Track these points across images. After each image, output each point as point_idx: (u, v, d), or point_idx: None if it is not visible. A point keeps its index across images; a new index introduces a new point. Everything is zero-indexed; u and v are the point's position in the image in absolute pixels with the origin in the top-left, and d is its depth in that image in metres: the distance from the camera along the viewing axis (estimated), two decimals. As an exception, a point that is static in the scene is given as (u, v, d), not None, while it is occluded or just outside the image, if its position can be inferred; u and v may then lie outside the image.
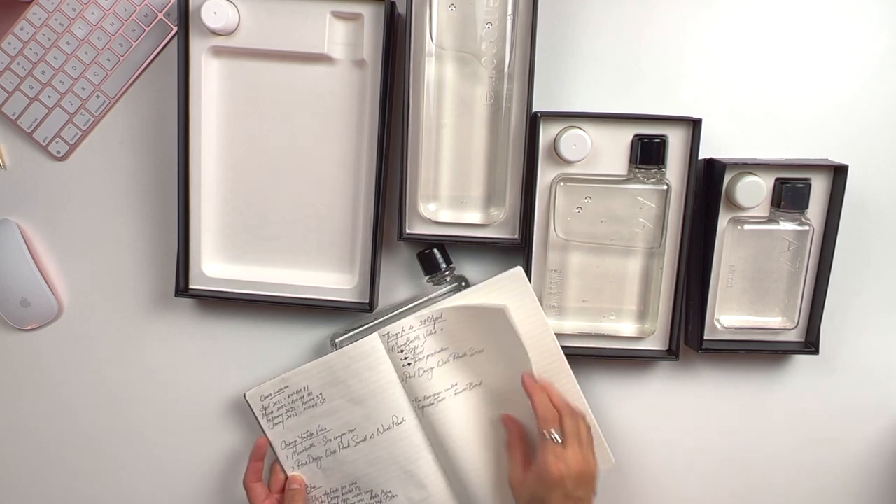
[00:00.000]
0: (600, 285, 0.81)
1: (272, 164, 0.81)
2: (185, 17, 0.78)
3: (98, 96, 0.83)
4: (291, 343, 0.86)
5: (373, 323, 0.83)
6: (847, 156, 0.79)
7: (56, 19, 0.81)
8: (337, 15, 0.77)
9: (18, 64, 0.82)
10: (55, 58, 0.82)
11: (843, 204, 0.77)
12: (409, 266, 0.84)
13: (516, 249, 0.82)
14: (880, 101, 0.81)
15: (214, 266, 0.84)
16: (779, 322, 0.81)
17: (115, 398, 0.89)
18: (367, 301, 0.82)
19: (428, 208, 0.81)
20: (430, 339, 0.80)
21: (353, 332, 0.83)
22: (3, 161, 0.85)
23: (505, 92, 0.78)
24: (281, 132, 0.81)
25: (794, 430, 0.86)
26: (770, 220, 0.79)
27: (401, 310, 0.83)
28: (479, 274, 0.84)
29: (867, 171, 0.81)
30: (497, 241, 0.81)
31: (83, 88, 0.83)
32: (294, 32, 0.78)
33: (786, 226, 0.79)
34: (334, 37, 0.78)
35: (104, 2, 0.81)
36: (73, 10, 0.81)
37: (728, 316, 0.82)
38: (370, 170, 0.80)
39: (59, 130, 0.84)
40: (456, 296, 0.80)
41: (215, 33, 0.78)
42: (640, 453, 0.87)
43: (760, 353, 0.83)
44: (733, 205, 0.78)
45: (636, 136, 0.78)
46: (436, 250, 0.82)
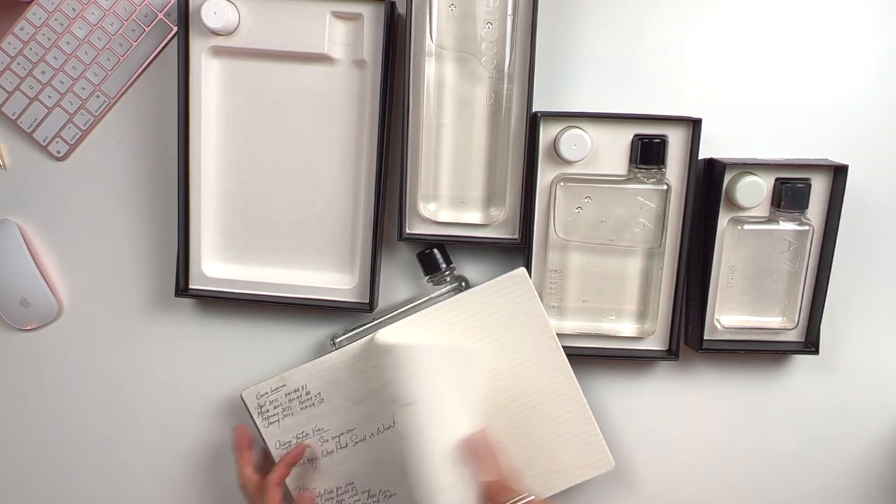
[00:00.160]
0: (600, 285, 0.81)
1: (272, 163, 0.81)
2: (185, 17, 0.78)
3: (98, 96, 0.83)
4: (291, 343, 0.86)
5: (373, 323, 0.83)
6: (847, 156, 0.79)
7: (56, 19, 0.81)
8: (337, 15, 0.77)
9: (18, 64, 0.82)
10: (55, 58, 0.82)
11: (843, 204, 0.77)
12: (409, 266, 0.84)
13: (516, 249, 0.82)
14: (880, 101, 0.81)
15: (214, 266, 0.84)
16: (779, 322, 0.81)
17: (115, 398, 0.89)
18: (367, 301, 0.82)
19: (428, 208, 0.81)
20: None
21: (353, 332, 0.83)
22: (3, 161, 0.85)
23: (505, 92, 0.78)
24: (281, 132, 0.81)
25: (794, 429, 0.86)
26: (770, 220, 0.79)
27: (401, 310, 0.83)
28: (479, 274, 0.84)
29: (867, 171, 0.81)
30: (497, 241, 0.81)
31: (83, 88, 0.83)
32: (294, 32, 0.78)
33: (786, 226, 0.79)
34: (334, 37, 0.78)
35: (104, 2, 0.81)
36: (73, 10, 0.81)
37: (728, 316, 0.82)
38: (370, 170, 0.80)
39: (59, 130, 0.84)
40: (457, 296, 0.80)
41: (215, 33, 0.78)
42: (640, 453, 0.87)
43: (760, 353, 0.83)
44: (733, 205, 0.78)
45: (636, 136, 0.78)
46: (436, 250, 0.82)
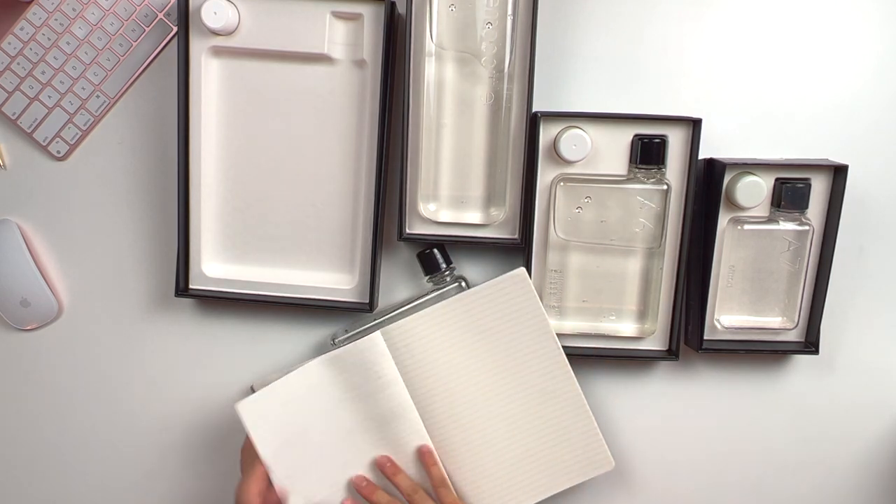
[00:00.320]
0: (600, 285, 0.81)
1: (272, 163, 0.81)
2: (185, 17, 0.78)
3: (98, 96, 0.83)
4: (291, 343, 0.86)
5: (373, 323, 0.83)
6: (847, 156, 0.79)
7: (56, 19, 0.81)
8: (337, 15, 0.77)
9: (18, 64, 0.82)
10: (55, 58, 0.82)
11: (843, 204, 0.77)
12: (409, 266, 0.84)
13: (516, 249, 0.82)
14: (880, 101, 0.81)
15: (214, 266, 0.84)
16: (779, 322, 0.81)
17: (115, 398, 0.89)
18: (367, 301, 0.82)
19: (428, 208, 0.81)
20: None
21: (353, 332, 0.83)
22: (3, 161, 0.85)
23: (505, 92, 0.78)
24: (281, 132, 0.81)
25: (794, 429, 0.86)
26: (770, 220, 0.79)
27: (401, 310, 0.83)
28: (479, 274, 0.84)
29: (867, 171, 0.81)
30: (497, 241, 0.81)
31: (83, 88, 0.83)
32: (294, 32, 0.78)
33: (786, 226, 0.79)
34: (334, 37, 0.78)
35: (104, 2, 0.81)
36: (73, 10, 0.81)
37: (728, 316, 0.82)
38: (370, 170, 0.80)
39: (59, 130, 0.84)
40: (457, 296, 0.80)
41: (215, 33, 0.78)
42: (639, 453, 0.87)
43: (760, 353, 0.83)
44: (733, 205, 0.78)
45: (636, 136, 0.78)
46: (436, 250, 0.82)
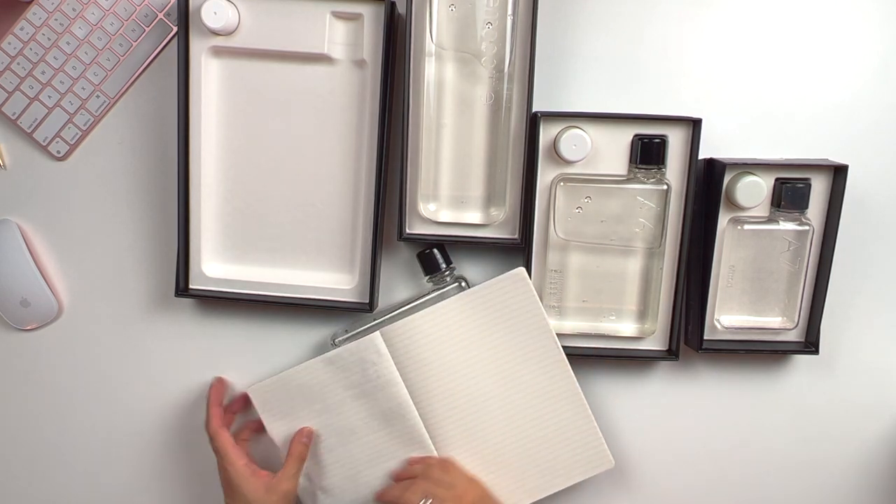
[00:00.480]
0: (600, 285, 0.81)
1: (272, 164, 0.81)
2: (185, 17, 0.78)
3: (98, 96, 0.83)
4: (291, 343, 0.86)
5: (373, 323, 0.83)
6: (847, 156, 0.79)
7: (56, 19, 0.81)
8: (337, 15, 0.77)
9: (18, 64, 0.82)
10: (55, 58, 0.82)
11: (843, 204, 0.77)
12: (409, 266, 0.84)
13: (516, 249, 0.82)
14: (880, 101, 0.80)
15: (214, 266, 0.84)
16: (779, 322, 0.81)
17: (115, 398, 0.89)
18: (367, 301, 0.82)
19: (428, 208, 0.81)
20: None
21: (353, 333, 0.83)
22: (3, 161, 0.85)
23: (505, 92, 0.78)
24: (281, 132, 0.81)
25: (794, 429, 0.86)
26: (770, 220, 0.79)
27: (401, 310, 0.83)
28: (479, 274, 0.84)
29: (867, 171, 0.81)
30: (497, 241, 0.81)
31: (83, 88, 0.83)
32: (294, 32, 0.78)
33: (786, 226, 0.79)
34: (334, 37, 0.78)
35: (104, 2, 0.81)
36: (73, 10, 0.81)
37: (728, 316, 0.82)
38: (370, 170, 0.80)
39: (59, 130, 0.84)
40: (457, 296, 0.80)
41: (215, 33, 0.78)
42: (640, 453, 0.87)
43: (760, 353, 0.83)
44: (733, 205, 0.78)
45: (636, 136, 0.78)
46: (436, 250, 0.82)
